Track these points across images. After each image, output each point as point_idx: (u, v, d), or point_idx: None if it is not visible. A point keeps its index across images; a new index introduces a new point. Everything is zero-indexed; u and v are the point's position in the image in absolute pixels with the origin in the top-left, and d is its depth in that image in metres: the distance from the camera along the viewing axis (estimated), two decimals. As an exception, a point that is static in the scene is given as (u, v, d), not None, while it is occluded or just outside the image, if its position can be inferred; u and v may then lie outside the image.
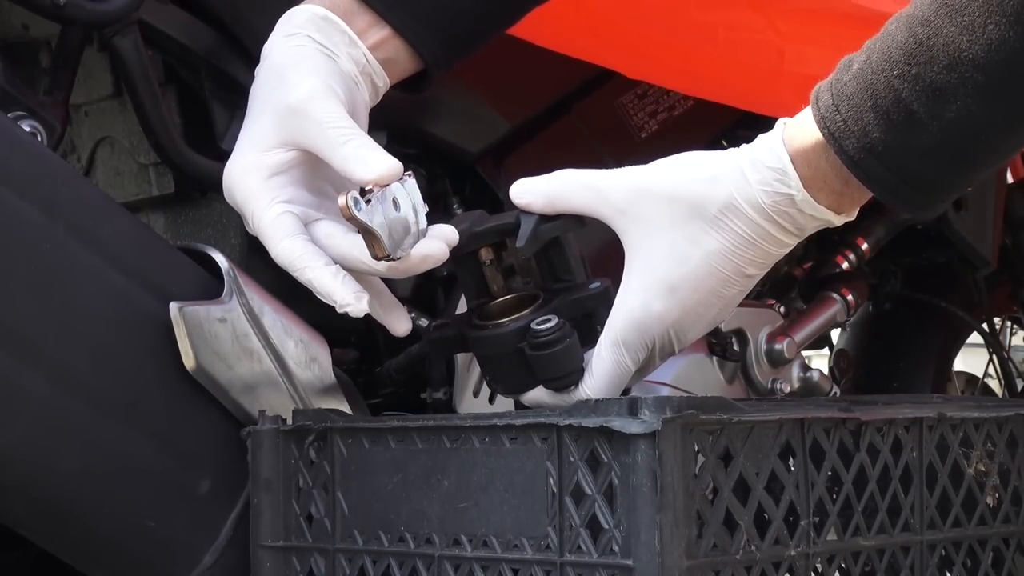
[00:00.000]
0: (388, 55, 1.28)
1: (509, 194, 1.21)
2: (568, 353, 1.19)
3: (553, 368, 1.20)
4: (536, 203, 1.21)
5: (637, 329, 1.18)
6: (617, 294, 1.19)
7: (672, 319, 1.17)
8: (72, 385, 1.21)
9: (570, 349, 1.19)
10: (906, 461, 1.23)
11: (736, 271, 1.17)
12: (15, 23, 1.44)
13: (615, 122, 1.75)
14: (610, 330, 1.19)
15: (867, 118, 1.10)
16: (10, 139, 1.22)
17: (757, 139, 1.17)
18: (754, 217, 1.15)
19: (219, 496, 1.29)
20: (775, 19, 1.60)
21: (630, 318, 1.18)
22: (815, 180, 1.14)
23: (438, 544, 1.16)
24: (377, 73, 1.28)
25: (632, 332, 1.18)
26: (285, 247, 1.20)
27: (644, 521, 1.03)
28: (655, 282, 1.17)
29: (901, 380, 2.40)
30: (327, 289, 1.19)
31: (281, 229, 1.20)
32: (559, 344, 1.19)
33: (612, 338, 1.18)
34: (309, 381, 1.34)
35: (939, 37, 1.07)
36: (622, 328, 1.18)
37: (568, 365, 1.20)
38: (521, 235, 1.20)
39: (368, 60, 1.27)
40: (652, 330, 1.18)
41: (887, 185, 1.12)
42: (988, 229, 2.16)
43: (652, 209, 1.17)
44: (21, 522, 1.27)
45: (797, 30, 1.59)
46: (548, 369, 1.20)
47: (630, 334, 1.18)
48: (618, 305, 1.19)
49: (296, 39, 1.25)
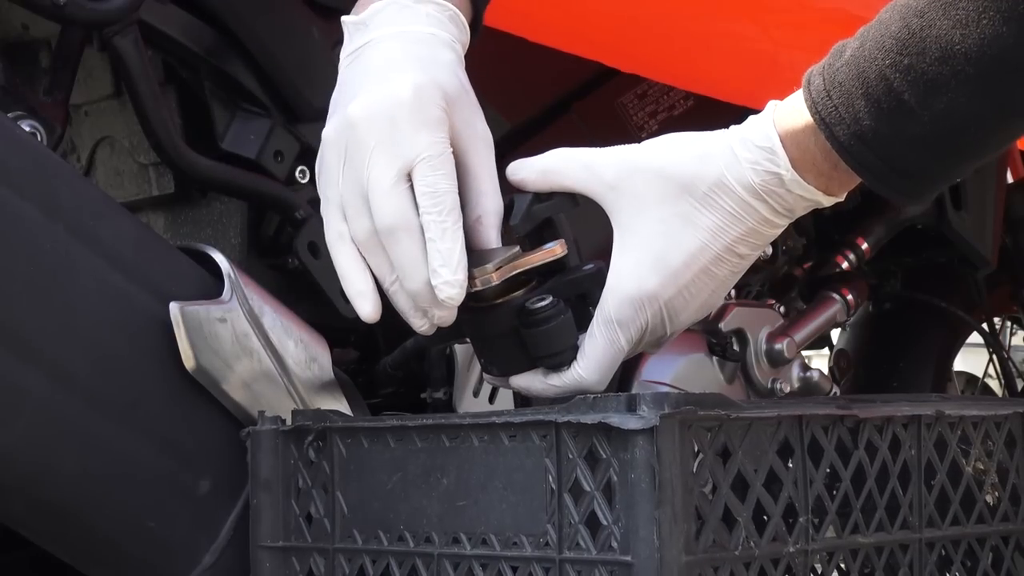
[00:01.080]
0: None
1: (505, 173, 1.21)
2: (563, 330, 1.19)
3: (548, 345, 1.20)
4: (530, 178, 1.21)
5: (631, 307, 1.18)
6: (608, 273, 1.19)
7: (666, 297, 1.18)
8: (72, 385, 1.22)
9: (565, 326, 1.19)
10: (904, 459, 1.23)
11: (726, 249, 1.17)
12: (15, 23, 1.44)
13: (615, 122, 1.76)
14: (603, 309, 1.19)
15: (858, 105, 1.11)
16: (10, 139, 1.22)
17: (748, 120, 1.18)
18: (743, 195, 1.16)
19: (219, 496, 1.30)
20: (769, 27, 1.60)
21: (623, 295, 1.18)
22: (804, 161, 1.15)
23: (437, 543, 1.16)
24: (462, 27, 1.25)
25: (626, 310, 1.18)
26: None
27: (643, 517, 1.03)
28: (648, 259, 1.17)
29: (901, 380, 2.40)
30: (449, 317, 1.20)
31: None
32: (554, 320, 1.19)
33: (605, 317, 1.18)
34: (309, 381, 1.35)
35: (932, 29, 1.08)
36: (615, 306, 1.18)
37: (563, 342, 1.20)
38: (515, 214, 1.21)
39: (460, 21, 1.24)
40: (646, 308, 1.18)
41: (876, 172, 1.13)
42: (988, 229, 2.16)
43: (642, 185, 1.17)
44: (21, 522, 1.27)
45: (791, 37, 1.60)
46: (543, 346, 1.20)
47: (624, 312, 1.18)
48: (610, 283, 1.18)
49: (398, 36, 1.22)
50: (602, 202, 1.19)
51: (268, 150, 1.47)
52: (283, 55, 1.47)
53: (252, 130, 1.48)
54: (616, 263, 1.18)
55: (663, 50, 1.61)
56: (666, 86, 1.78)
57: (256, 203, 1.49)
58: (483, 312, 1.22)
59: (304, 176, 1.49)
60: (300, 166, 1.49)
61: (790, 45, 1.59)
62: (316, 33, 1.51)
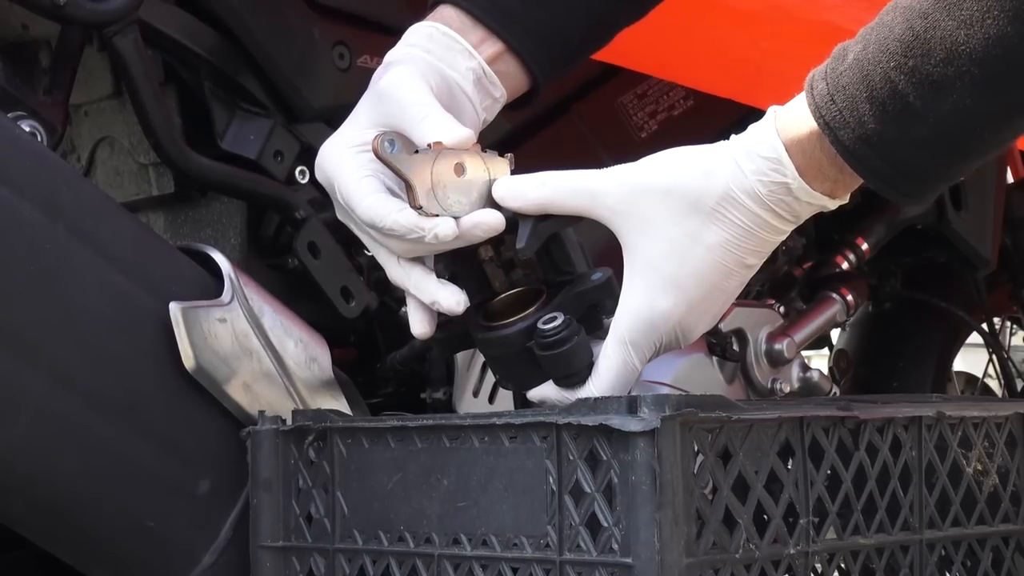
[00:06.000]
0: (498, 69, 1.29)
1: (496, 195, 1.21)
2: (577, 351, 1.19)
3: (563, 367, 1.20)
4: (528, 208, 1.20)
5: (644, 329, 1.18)
6: (621, 293, 1.19)
7: (678, 316, 1.17)
8: (72, 385, 1.22)
9: (578, 347, 1.19)
10: (905, 460, 1.23)
11: (737, 262, 1.17)
12: (15, 23, 1.44)
13: (615, 122, 1.76)
14: (616, 330, 1.19)
15: (863, 109, 1.11)
16: (10, 139, 1.22)
17: (749, 129, 1.17)
18: (752, 207, 1.15)
19: (219, 496, 1.30)
20: (756, 37, 1.60)
21: (637, 318, 1.18)
22: (810, 168, 1.14)
23: (438, 543, 1.16)
24: (494, 84, 1.29)
25: (639, 332, 1.18)
26: (370, 201, 1.20)
27: (643, 519, 1.03)
28: (659, 280, 1.17)
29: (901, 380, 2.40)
30: (410, 224, 1.18)
31: (366, 187, 1.21)
32: (567, 343, 1.19)
33: (619, 338, 1.18)
34: (309, 381, 1.35)
35: (937, 30, 1.07)
36: (629, 328, 1.18)
37: (578, 363, 1.20)
38: (520, 236, 1.19)
39: (484, 71, 1.28)
40: (659, 329, 1.18)
41: (882, 175, 1.12)
42: (988, 229, 2.16)
43: (649, 207, 1.17)
44: (21, 522, 1.27)
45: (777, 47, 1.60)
46: (558, 368, 1.20)
47: (637, 334, 1.18)
48: (623, 305, 1.18)
49: (408, 48, 1.27)
50: (609, 225, 1.18)
51: (268, 150, 1.48)
52: (283, 55, 1.47)
53: (252, 130, 1.48)
54: (628, 285, 1.18)
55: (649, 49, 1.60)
56: (666, 86, 1.78)
57: (256, 203, 1.49)
58: (496, 331, 1.22)
59: (304, 176, 1.49)
60: (300, 166, 1.50)
61: (777, 55, 1.59)
62: (316, 33, 1.51)
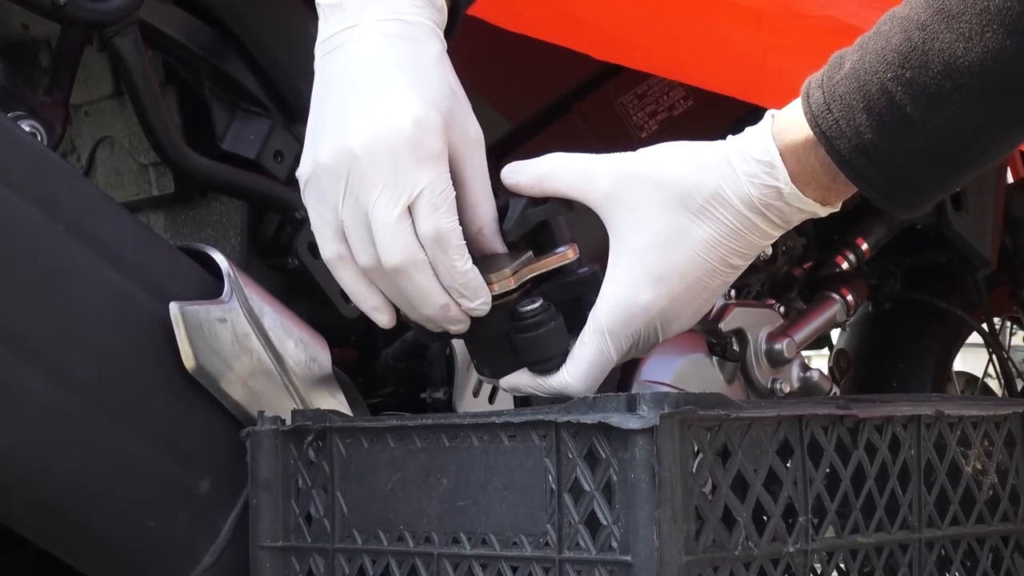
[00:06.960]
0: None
1: (500, 176, 1.21)
2: (552, 336, 1.19)
3: (538, 350, 1.20)
4: (524, 182, 1.20)
5: (624, 318, 1.17)
6: (603, 282, 1.19)
7: (658, 309, 1.17)
8: (72, 385, 1.22)
9: (554, 332, 1.19)
10: (904, 459, 1.23)
11: (721, 261, 1.17)
12: (15, 23, 1.45)
13: (615, 122, 1.76)
14: (595, 318, 1.18)
15: (859, 119, 1.11)
16: (10, 139, 1.22)
17: (745, 131, 1.17)
18: (741, 209, 1.15)
19: (219, 496, 1.30)
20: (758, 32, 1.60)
21: (616, 307, 1.17)
22: (803, 175, 1.14)
23: (437, 543, 1.16)
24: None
25: (618, 321, 1.18)
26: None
27: (642, 517, 1.03)
28: (642, 271, 1.17)
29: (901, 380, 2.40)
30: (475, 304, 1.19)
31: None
32: (543, 327, 1.19)
33: (597, 326, 1.18)
34: (309, 381, 1.35)
35: (935, 42, 1.07)
36: (608, 317, 1.18)
37: (553, 348, 1.19)
38: (508, 218, 1.20)
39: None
40: (638, 320, 1.18)
41: (877, 185, 1.13)
42: (988, 229, 2.16)
43: (638, 195, 1.17)
44: (21, 522, 1.27)
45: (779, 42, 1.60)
46: (533, 351, 1.20)
47: (616, 323, 1.18)
48: (604, 293, 1.18)
49: None
50: (597, 210, 1.18)
51: (268, 150, 1.48)
52: (283, 55, 1.47)
53: (252, 130, 1.48)
54: (610, 272, 1.18)
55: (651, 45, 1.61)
56: (666, 87, 1.78)
57: (256, 203, 1.49)
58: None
59: (304, 176, 1.49)
60: (300, 166, 1.49)
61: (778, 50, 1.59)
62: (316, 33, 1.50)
